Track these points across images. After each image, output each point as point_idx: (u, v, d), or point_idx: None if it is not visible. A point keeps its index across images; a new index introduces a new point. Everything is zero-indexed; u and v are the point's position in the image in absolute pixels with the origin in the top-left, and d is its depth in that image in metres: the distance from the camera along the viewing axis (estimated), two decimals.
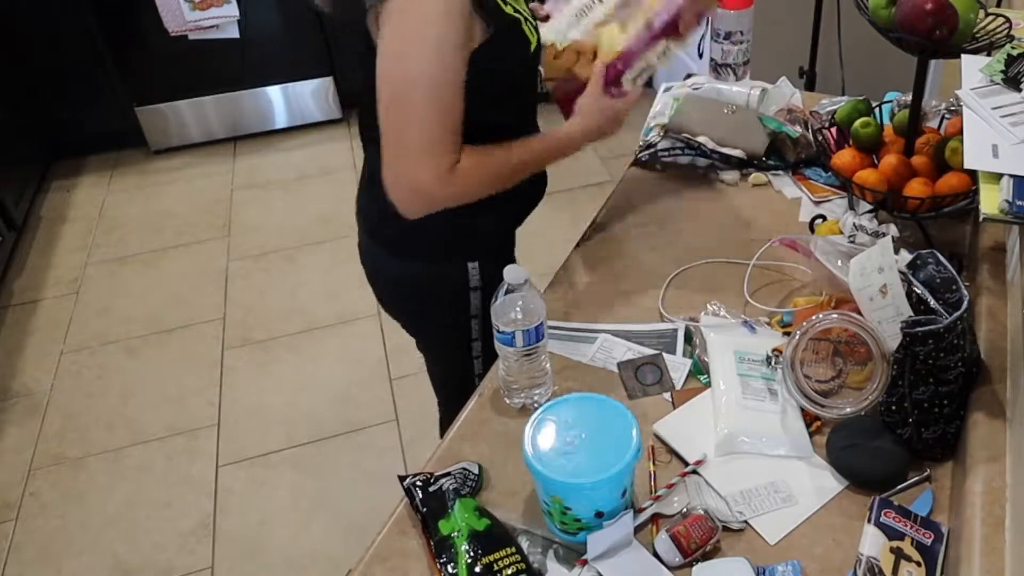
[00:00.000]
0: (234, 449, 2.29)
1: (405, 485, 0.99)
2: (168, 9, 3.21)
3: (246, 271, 2.97)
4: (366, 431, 2.31)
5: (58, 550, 2.07)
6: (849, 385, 1.06)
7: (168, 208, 3.35)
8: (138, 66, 3.42)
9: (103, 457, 2.30)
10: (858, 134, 1.31)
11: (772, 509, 0.96)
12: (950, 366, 0.93)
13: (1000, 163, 0.96)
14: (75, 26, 3.26)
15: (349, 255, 3.00)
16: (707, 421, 1.06)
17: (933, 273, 1.00)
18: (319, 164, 3.53)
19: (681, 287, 1.29)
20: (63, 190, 3.51)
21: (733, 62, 1.69)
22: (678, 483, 0.99)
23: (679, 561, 0.90)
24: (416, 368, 2.50)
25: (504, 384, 1.11)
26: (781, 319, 1.20)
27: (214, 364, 2.58)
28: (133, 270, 3.03)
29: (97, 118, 3.52)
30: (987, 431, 0.93)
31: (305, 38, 3.51)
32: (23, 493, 2.22)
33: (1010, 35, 1.15)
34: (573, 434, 0.91)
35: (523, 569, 0.89)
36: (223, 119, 3.65)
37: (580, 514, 0.90)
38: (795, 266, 1.29)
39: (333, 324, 2.69)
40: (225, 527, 2.09)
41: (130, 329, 2.75)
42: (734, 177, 1.51)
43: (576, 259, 1.37)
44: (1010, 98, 1.04)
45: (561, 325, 1.23)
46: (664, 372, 1.14)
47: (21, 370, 2.62)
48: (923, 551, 0.87)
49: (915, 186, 1.23)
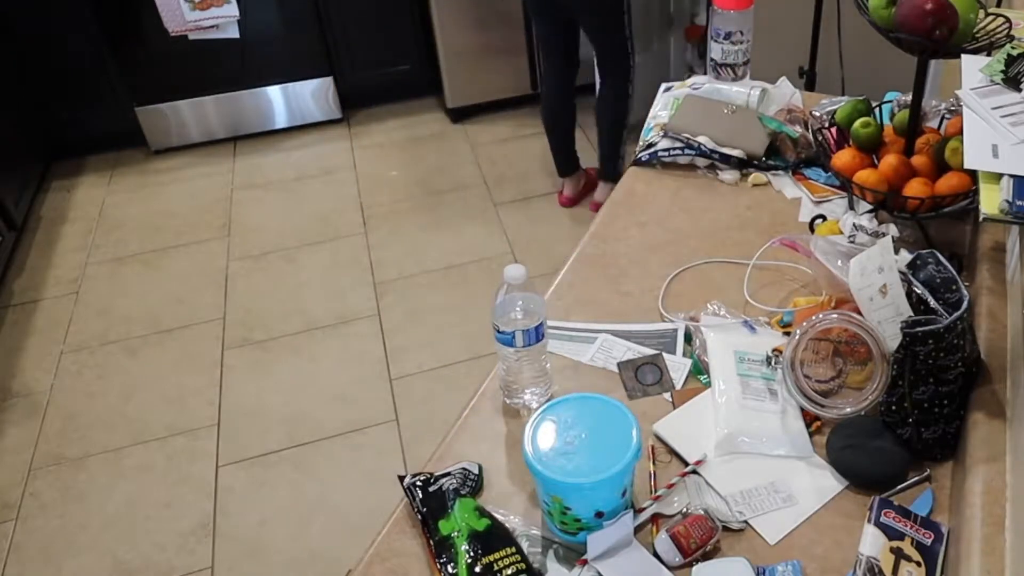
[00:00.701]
0: (234, 449, 2.29)
1: (405, 485, 0.99)
2: (168, 9, 3.21)
3: (246, 271, 2.97)
4: (366, 431, 2.31)
5: (58, 550, 2.07)
6: (849, 385, 1.06)
7: (168, 208, 3.35)
8: (138, 66, 3.42)
9: (103, 457, 2.30)
10: (858, 134, 1.31)
11: (772, 509, 0.96)
12: (950, 366, 0.93)
13: (1000, 163, 0.96)
14: (75, 26, 3.26)
15: (349, 255, 3.01)
16: (707, 421, 1.06)
17: (933, 273, 1.00)
18: (319, 164, 3.54)
19: (681, 287, 1.29)
20: (63, 190, 3.51)
21: (733, 62, 1.69)
22: (678, 483, 0.99)
23: (679, 561, 0.90)
24: (416, 368, 2.50)
25: (504, 384, 1.11)
26: (781, 319, 1.20)
27: (214, 364, 2.58)
28: (133, 270, 3.03)
29: (97, 118, 3.52)
30: (987, 431, 0.93)
31: (305, 38, 3.51)
32: (23, 493, 2.22)
33: (1010, 35, 1.15)
34: (573, 434, 0.91)
35: (523, 569, 0.89)
36: (223, 119, 3.65)
37: (580, 514, 0.90)
38: (795, 266, 1.29)
39: (333, 324, 2.69)
40: (225, 527, 2.09)
41: (130, 329, 2.75)
42: (734, 177, 1.51)
43: (576, 259, 1.37)
44: (1010, 98, 1.04)
45: (561, 325, 1.23)
46: (664, 372, 1.14)
47: (21, 370, 2.62)
48: (923, 551, 0.87)
49: (915, 186, 1.23)
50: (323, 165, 3.53)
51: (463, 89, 3.60)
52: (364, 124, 3.78)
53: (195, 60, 3.44)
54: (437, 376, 2.46)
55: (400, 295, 2.75)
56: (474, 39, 3.46)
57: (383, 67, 3.69)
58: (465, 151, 3.52)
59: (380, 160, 3.53)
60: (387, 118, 3.80)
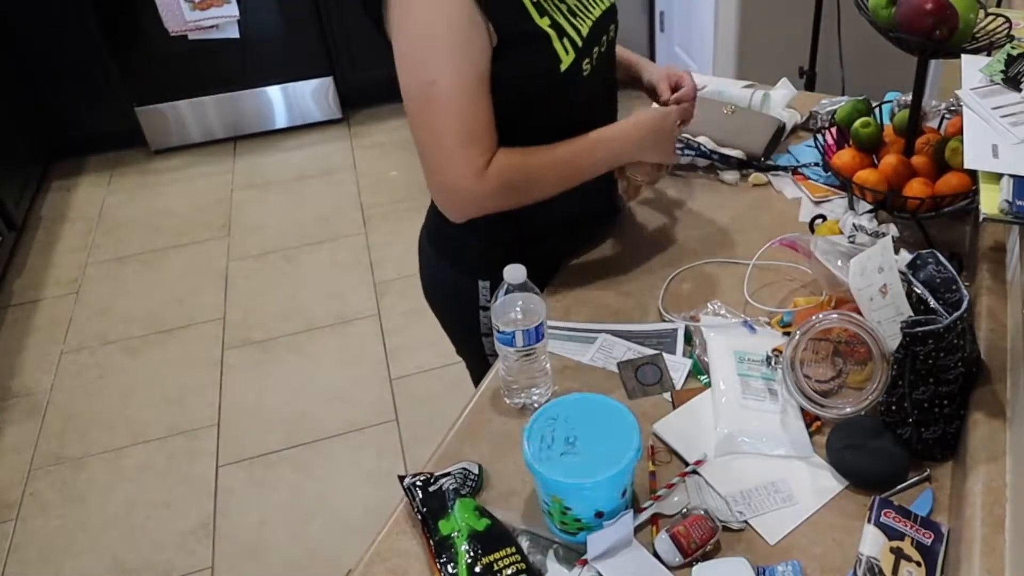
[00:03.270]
0: (234, 449, 2.29)
1: (405, 485, 0.99)
2: (168, 9, 3.21)
3: (246, 271, 2.97)
4: (366, 431, 2.31)
5: (58, 550, 2.07)
6: (849, 385, 1.06)
7: (168, 208, 3.35)
8: (138, 66, 3.42)
9: (103, 457, 2.30)
10: (858, 134, 1.31)
11: (772, 509, 0.96)
12: (950, 366, 0.93)
13: (1000, 163, 0.96)
14: (75, 26, 3.26)
15: (349, 255, 3.01)
16: (707, 421, 1.06)
17: (933, 273, 1.00)
18: (319, 164, 3.54)
19: (681, 287, 1.29)
20: (63, 190, 3.51)
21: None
22: (678, 483, 0.99)
23: (679, 561, 0.90)
24: (416, 368, 2.50)
25: (504, 384, 1.11)
26: (781, 319, 1.20)
27: (214, 364, 2.58)
28: (133, 270, 3.03)
29: (97, 118, 3.52)
30: (987, 431, 0.93)
31: (305, 38, 3.51)
32: (23, 493, 2.22)
33: (1010, 35, 1.15)
34: (573, 434, 0.91)
35: (523, 569, 0.89)
36: (223, 119, 3.65)
37: (580, 514, 0.90)
38: (795, 266, 1.29)
39: (333, 324, 2.69)
40: (225, 527, 2.09)
41: (130, 329, 2.75)
42: (734, 178, 1.51)
43: (576, 259, 1.37)
44: (1010, 98, 1.04)
45: (561, 325, 1.23)
46: (664, 372, 1.14)
47: (21, 370, 2.62)
48: (923, 551, 0.87)
49: (915, 186, 1.23)
50: (323, 165, 3.53)
51: None
52: (364, 124, 3.78)
53: (195, 60, 3.44)
54: (437, 376, 2.46)
55: (400, 295, 2.75)
56: None
57: (383, 67, 3.66)
58: None
59: (380, 160, 3.53)
60: (387, 118, 3.80)
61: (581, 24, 1.12)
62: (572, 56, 1.10)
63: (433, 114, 1.04)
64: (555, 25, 1.08)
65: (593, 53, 1.14)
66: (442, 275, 1.37)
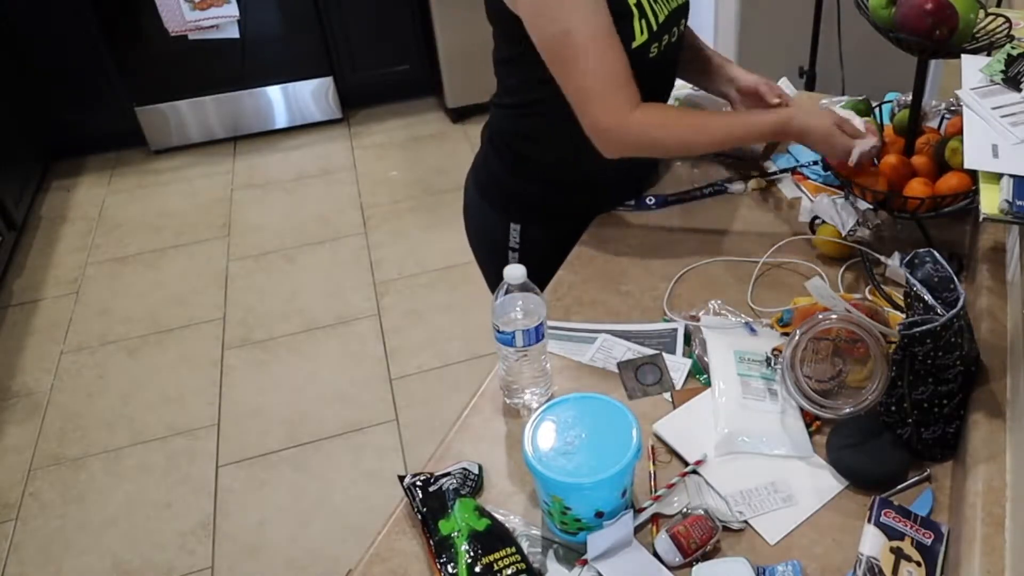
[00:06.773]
0: (234, 449, 2.29)
1: (405, 485, 0.99)
2: (168, 9, 3.21)
3: (246, 271, 2.97)
4: (366, 431, 2.31)
5: (58, 550, 2.07)
6: (849, 385, 1.06)
7: (168, 208, 3.35)
8: (138, 66, 3.42)
9: (103, 457, 2.30)
10: None
11: (772, 509, 0.96)
12: (949, 365, 0.93)
13: (1000, 163, 0.96)
14: (75, 26, 3.26)
15: (349, 255, 3.01)
16: (707, 421, 1.06)
17: (931, 272, 1.00)
18: (319, 164, 3.54)
19: (681, 287, 1.29)
20: (63, 190, 3.51)
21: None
22: (678, 483, 0.99)
23: (679, 561, 0.90)
24: (416, 368, 2.50)
25: (504, 384, 1.11)
26: (781, 319, 1.20)
27: (214, 364, 2.58)
28: (133, 270, 3.03)
29: (97, 118, 3.52)
30: (987, 431, 0.93)
31: (305, 38, 3.51)
32: (23, 493, 2.22)
33: (1010, 35, 1.15)
34: (573, 434, 0.91)
35: (523, 569, 0.89)
36: (223, 119, 3.65)
37: (580, 514, 0.90)
38: (796, 264, 1.29)
39: (333, 324, 2.69)
40: (225, 527, 2.09)
41: (130, 329, 2.75)
42: (741, 188, 1.49)
43: (576, 259, 1.37)
44: (1010, 98, 1.04)
45: (561, 325, 1.23)
46: (664, 372, 1.14)
47: (21, 370, 2.62)
48: (923, 551, 0.88)
49: (915, 186, 1.23)
50: (323, 165, 3.53)
51: (463, 89, 3.60)
52: (364, 124, 3.78)
53: (195, 60, 3.44)
54: (437, 376, 2.46)
55: (400, 295, 2.75)
56: (474, 39, 3.45)
57: (383, 67, 3.70)
58: (465, 151, 3.52)
59: (380, 160, 3.53)
60: (387, 118, 3.80)
61: (660, 11, 1.19)
62: (645, 37, 1.18)
63: (573, 61, 1.12)
64: (639, 5, 1.16)
65: (663, 39, 1.22)
66: (480, 215, 1.49)
